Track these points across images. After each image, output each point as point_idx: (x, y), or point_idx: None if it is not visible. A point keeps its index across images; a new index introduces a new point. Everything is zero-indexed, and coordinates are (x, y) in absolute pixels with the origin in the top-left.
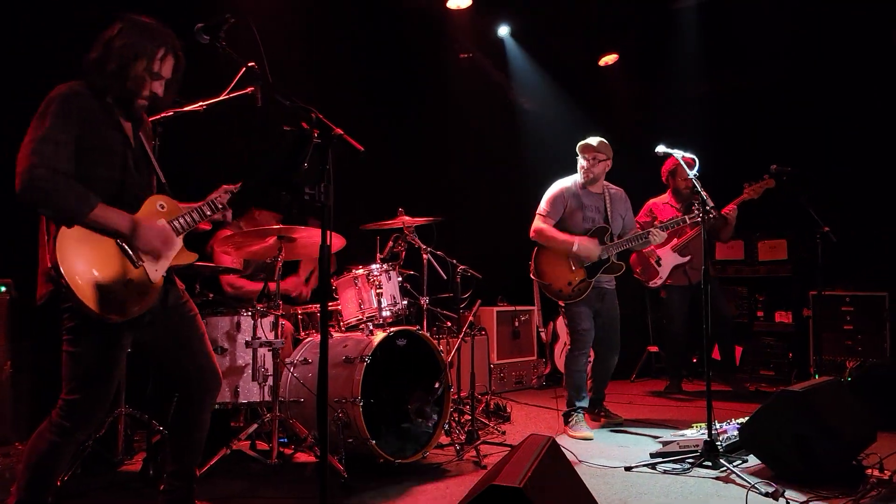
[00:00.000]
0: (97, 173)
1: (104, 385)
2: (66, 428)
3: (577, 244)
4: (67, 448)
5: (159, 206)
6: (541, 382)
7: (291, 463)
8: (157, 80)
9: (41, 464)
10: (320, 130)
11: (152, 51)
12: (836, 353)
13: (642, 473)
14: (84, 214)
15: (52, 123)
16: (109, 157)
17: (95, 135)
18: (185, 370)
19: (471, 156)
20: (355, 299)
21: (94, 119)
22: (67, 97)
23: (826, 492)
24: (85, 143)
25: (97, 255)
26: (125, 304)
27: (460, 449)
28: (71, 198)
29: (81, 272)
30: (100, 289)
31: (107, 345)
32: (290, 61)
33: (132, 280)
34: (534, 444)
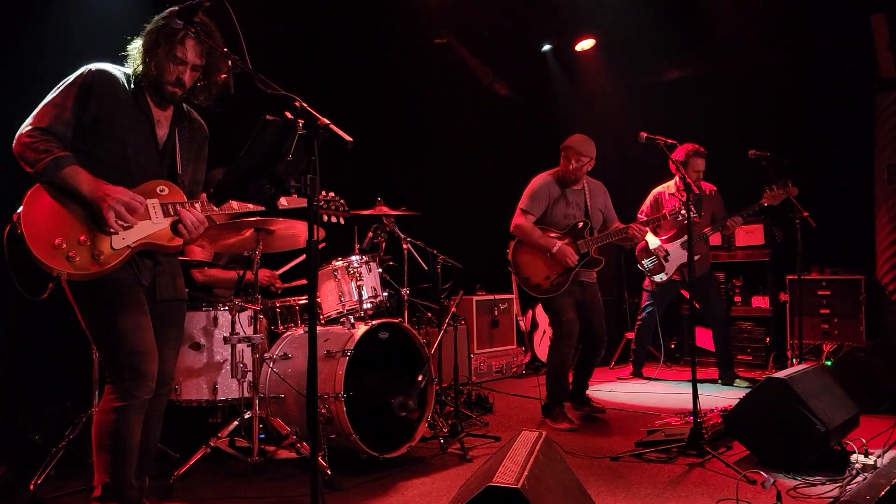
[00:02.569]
0: (105, 147)
1: (136, 334)
2: (123, 388)
3: (556, 248)
4: (135, 412)
5: (159, 190)
6: (521, 371)
7: (273, 461)
8: (181, 64)
9: (113, 438)
10: (305, 120)
11: (169, 36)
12: (812, 337)
13: (628, 463)
14: (56, 170)
15: (61, 90)
16: (119, 134)
17: (109, 110)
18: None
19: (447, 144)
20: (335, 291)
21: (114, 96)
22: (89, 73)
23: (812, 478)
24: (94, 116)
25: (61, 211)
26: (72, 255)
27: (444, 442)
28: (45, 156)
29: (33, 222)
30: (48, 235)
31: (104, 298)
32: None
33: (88, 239)
34: (527, 440)
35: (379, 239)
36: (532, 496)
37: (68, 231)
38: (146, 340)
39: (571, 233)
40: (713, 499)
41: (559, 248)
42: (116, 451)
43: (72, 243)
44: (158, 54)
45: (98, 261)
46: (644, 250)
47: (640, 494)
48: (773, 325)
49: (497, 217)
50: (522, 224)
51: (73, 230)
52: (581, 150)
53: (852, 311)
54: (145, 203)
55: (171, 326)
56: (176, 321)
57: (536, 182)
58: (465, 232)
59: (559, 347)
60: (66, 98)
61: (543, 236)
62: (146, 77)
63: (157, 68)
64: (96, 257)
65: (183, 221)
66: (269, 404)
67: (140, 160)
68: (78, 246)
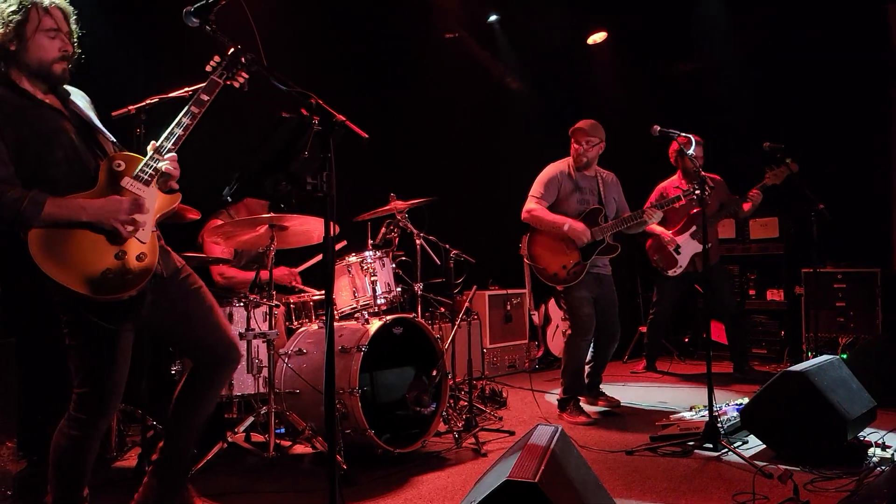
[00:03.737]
0: (44, 160)
1: (111, 375)
2: (82, 421)
3: (567, 225)
4: (90, 441)
5: (116, 166)
6: (534, 366)
7: (289, 455)
8: (56, 35)
9: (66, 460)
10: (320, 117)
11: (30, 9)
12: (828, 330)
13: (643, 457)
14: (34, 215)
15: None
16: (49, 140)
17: (24, 125)
18: (197, 345)
19: (458, 139)
20: (349, 287)
21: (16, 109)
22: None
23: (829, 472)
24: (17, 138)
25: (77, 242)
26: (127, 276)
27: (459, 436)
28: (16, 205)
29: (69, 267)
30: (94, 275)
31: (105, 335)
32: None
33: (124, 251)
34: (543, 434)
35: (392, 234)
36: (549, 490)
37: (105, 257)
38: (121, 381)
39: (586, 221)
40: (729, 493)
41: (570, 226)
42: (71, 472)
43: (115, 266)
44: (27, 34)
45: (147, 258)
46: (655, 246)
47: (656, 488)
48: (787, 319)
49: (509, 212)
50: (534, 208)
51: (108, 253)
52: (589, 131)
53: (868, 304)
54: (142, 197)
55: (196, 295)
56: (196, 288)
57: (548, 170)
58: (478, 227)
59: (575, 342)
60: None
61: (555, 216)
62: (21, 68)
63: (35, 51)
64: (142, 257)
65: (167, 172)
66: (285, 400)
67: (76, 153)
68: (122, 262)
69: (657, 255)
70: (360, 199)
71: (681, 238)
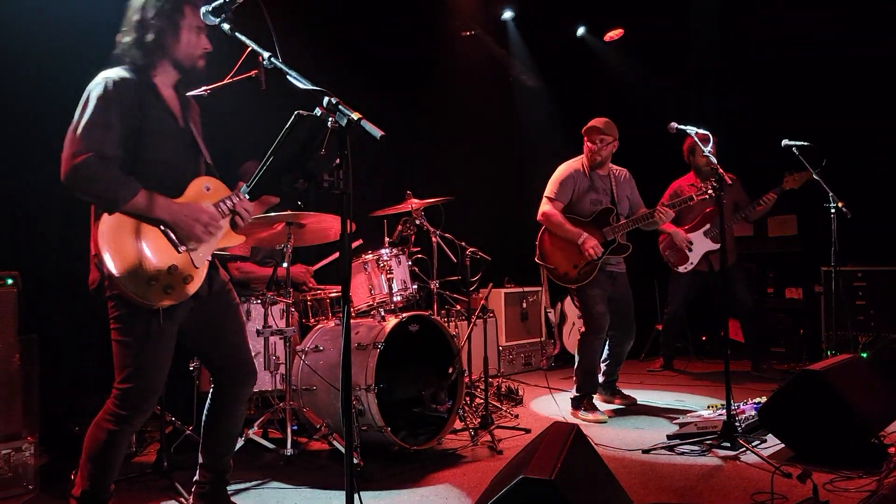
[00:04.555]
0: (145, 156)
1: (155, 372)
2: (122, 416)
3: (583, 238)
4: (125, 435)
5: (205, 188)
6: (550, 363)
7: (305, 452)
8: (201, 31)
9: (101, 452)
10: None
11: (182, 9)
12: (848, 328)
13: (660, 456)
14: (124, 200)
15: (96, 108)
16: (158, 139)
17: (143, 117)
18: (220, 359)
19: (475, 137)
20: (365, 284)
21: (141, 102)
22: (111, 82)
23: (849, 471)
24: (134, 129)
25: (140, 241)
26: (169, 289)
27: (475, 434)
28: (112, 184)
29: (123, 259)
30: (142, 275)
31: (153, 333)
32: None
33: (175, 265)
34: (559, 432)
35: (408, 232)
36: (565, 488)
37: (157, 263)
38: (162, 379)
39: (598, 220)
40: (747, 492)
41: (584, 240)
42: (104, 465)
43: (164, 275)
44: (182, 28)
45: (190, 283)
46: (667, 243)
47: (673, 487)
48: (806, 317)
49: (525, 209)
50: (550, 213)
51: (161, 261)
52: (604, 130)
53: (889, 303)
54: (217, 217)
55: (231, 313)
56: (234, 305)
57: (562, 169)
58: (494, 224)
59: (590, 340)
60: (108, 115)
61: (571, 226)
62: (167, 56)
63: (185, 45)
64: (187, 280)
65: (239, 214)
66: (302, 396)
67: (178, 161)
68: (170, 276)
69: (668, 251)
70: (377, 196)
71: (693, 235)
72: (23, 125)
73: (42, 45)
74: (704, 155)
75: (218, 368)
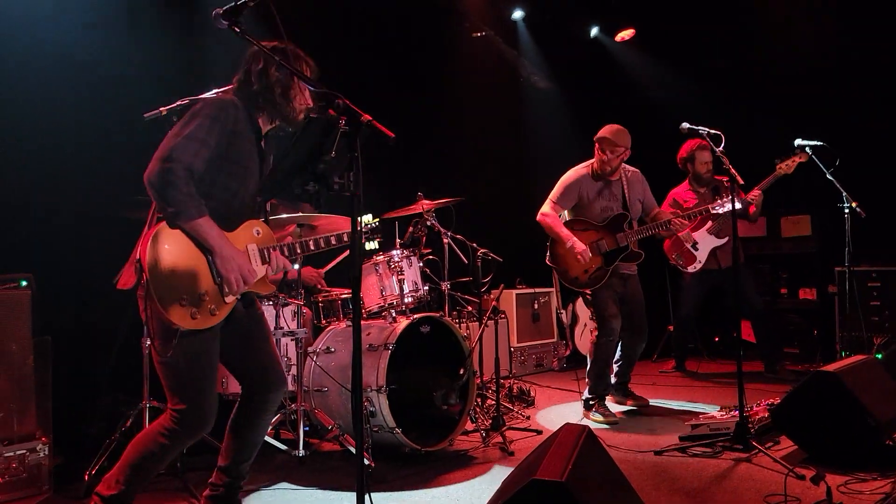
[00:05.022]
0: (224, 183)
1: (208, 390)
2: (179, 435)
3: (570, 243)
4: (175, 451)
5: (255, 232)
6: (561, 365)
7: (317, 453)
8: (307, 89)
9: (147, 463)
10: (348, 117)
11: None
12: (862, 329)
13: (672, 457)
14: (190, 217)
15: (201, 123)
16: (240, 174)
17: (236, 149)
18: (249, 370)
19: (486, 137)
20: (377, 286)
21: (241, 134)
22: (224, 105)
23: (863, 473)
24: (223, 152)
25: (183, 260)
26: (196, 314)
27: (486, 435)
28: (186, 199)
29: (164, 268)
30: (174, 289)
31: (196, 351)
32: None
33: (207, 293)
34: (570, 434)
35: (419, 233)
36: (576, 490)
37: (192, 286)
38: (215, 400)
39: (610, 226)
40: (761, 494)
41: (573, 245)
42: (145, 475)
43: (194, 298)
44: (295, 82)
45: (214, 315)
46: (673, 244)
47: (685, 489)
48: (820, 318)
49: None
50: (547, 214)
51: (196, 285)
52: (616, 141)
53: None
54: (255, 271)
55: (258, 323)
56: (259, 315)
57: (570, 175)
58: (505, 225)
59: (601, 342)
60: (210, 134)
61: (564, 230)
62: (282, 109)
63: (298, 98)
64: (213, 311)
65: (273, 266)
66: (313, 397)
67: (246, 196)
68: (199, 301)
69: (674, 253)
70: (388, 198)
71: (697, 234)
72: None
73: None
74: (706, 162)
75: (248, 377)
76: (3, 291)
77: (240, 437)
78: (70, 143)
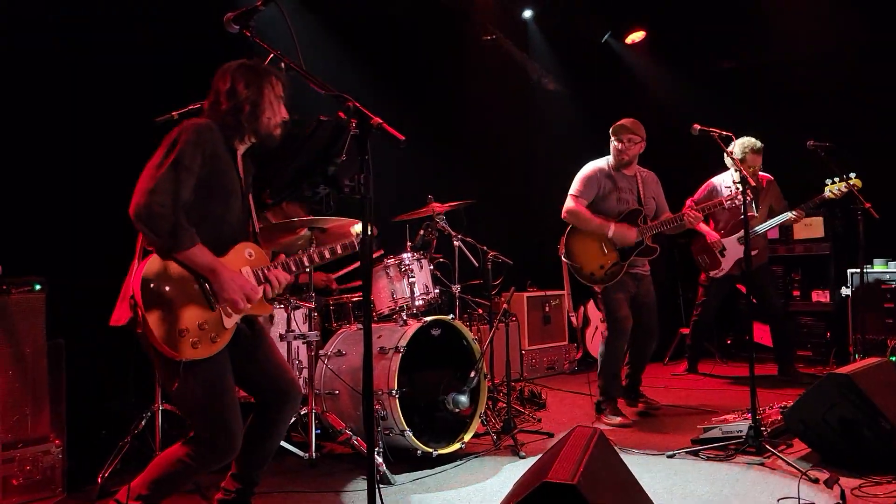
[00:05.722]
0: (210, 209)
1: (229, 414)
2: (205, 458)
3: (612, 229)
4: (201, 471)
5: (248, 254)
6: (573, 367)
7: (328, 455)
8: (281, 101)
9: (170, 481)
10: (358, 120)
11: (270, 81)
12: (876, 331)
13: (685, 460)
14: (182, 247)
15: (183, 150)
16: (224, 197)
17: (217, 172)
18: (261, 384)
19: (496, 140)
20: (387, 289)
21: (220, 157)
22: (202, 130)
23: (877, 477)
24: (206, 178)
25: (180, 290)
26: (197, 344)
27: (497, 438)
28: (177, 229)
29: (160, 305)
30: (172, 324)
31: (208, 379)
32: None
33: (207, 322)
34: (581, 436)
35: (430, 236)
36: (588, 493)
37: (191, 317)
38: (239, 418)
39: (625, 220)
40: (774, 497)
41: (616, 229)
42: (169, 490)
43: (194, 329)
44: (266, 97)
45: (216, 342)
46: (701, 246)
47: (698, 492)
48: (834, 320)
49: (547, 213)
50: (575, 209)
51: (194, 315)
52: (631, 129)
53: None
54: (258, 290)
55: (259, 335)
56: (259, 328)
57: (588, 168)
58: (516, 228)
59: (613, 343)
60: (193, 160)
61: (599, 219)
62: (253, 126)
63: (269, 114)
64: (214, 339)
65: (272, 286)
66: (324, 400)
67: (232, 218)
68: (199, 331)
69: (701, 255)
70: (399, 201)
71: (727, 240)
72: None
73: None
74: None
75: (262, 391)
76: (18, 295)
77: (255, 446)
78: (82, 146)
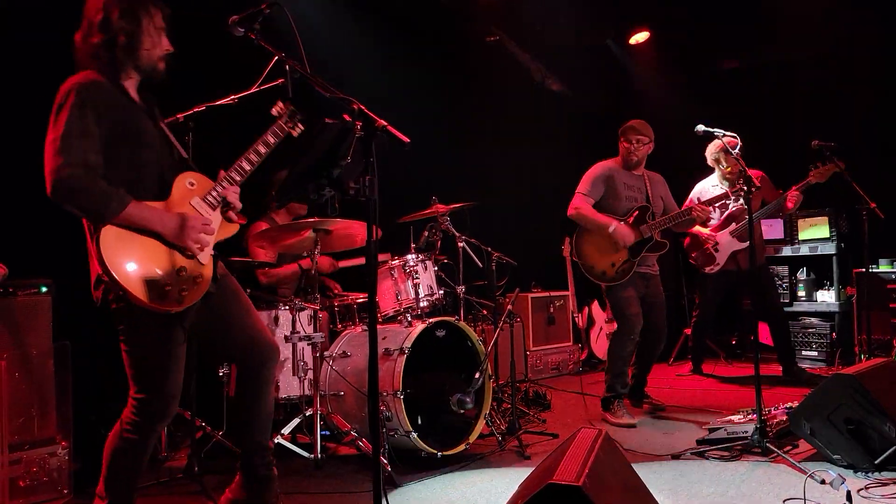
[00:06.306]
0: (131, 160)
1: (169, 379)
2: (139, 424)
3: (613, 226)
4: (146, 444)
5: (188, 184)
6: (577, 368)
7: (334, 457)
8: (163, 32)
9: (121, 462)
10: (363, 122)
11: (148, 10)
12: (882, 332)
13: (690, 461)
14: (115, 212)
15: (72, 115)
16: (137, 142)
17: (119, 121)
18: (236, 346)
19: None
20: (392, 290)
21: (115, 105)
22: (84, 86)
23: (883, 478)
24: (111, 131)
25: (144, 249)
26: (184, 291)
27: (502, 439)
28: (101, 196)
29: (132, 270)
30: (154, 283)
31: (162, 340)
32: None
33: (185, 267)
34: (587, 437)
35: (434, 237)
36: (593, 494)
37: (167, 268)
38: (179, 384)
39: (634, 219)
40: (780, 498)
41: (616, 228)
42: (126, 476)
43: (174, 280)
44: (144, 28)
45: (201, 283)
46: (693, 243)
47: (703, 493)
48: (839, 321)
49: (552, 214)
50: (580, 205)
51: (169, 265)
52: (640, 129)
53: None
54: (210, 220)
55: (234, 297)
56: (233, 290)
57: (596, 167)
58: (520, 229)
59: (621, 341)
60: (85, 122)
61: (601, 215)
62: (133, 61)
63: (148, 45)
64: (198, 281)
65: (231, 204)
66: (330, 402)
67: (157, 157)
68: (181, 280)
69: (695, 252)
70: (403, 202)
71: (719, 235)
72: None
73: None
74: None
75: (239, 353)
76: (24, 297)
77: (250, 413)
78: None
